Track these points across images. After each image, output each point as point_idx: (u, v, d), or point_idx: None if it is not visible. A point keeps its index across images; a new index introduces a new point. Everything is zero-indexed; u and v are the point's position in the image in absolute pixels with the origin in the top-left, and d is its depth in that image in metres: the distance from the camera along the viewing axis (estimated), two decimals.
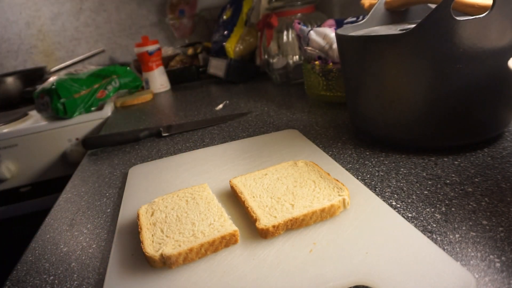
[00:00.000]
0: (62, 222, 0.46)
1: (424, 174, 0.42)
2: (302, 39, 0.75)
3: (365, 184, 0.42)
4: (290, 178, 0.41)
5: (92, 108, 1.07)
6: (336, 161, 0.48)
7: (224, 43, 1.15)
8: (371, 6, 0.59)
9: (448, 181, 0.40)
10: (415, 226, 0.34)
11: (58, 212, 0.49)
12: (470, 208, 0.35)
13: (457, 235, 0.32)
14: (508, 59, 0.37)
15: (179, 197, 0.41)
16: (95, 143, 0.71)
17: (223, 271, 0.30)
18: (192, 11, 1.57)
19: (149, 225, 0.36)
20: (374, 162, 0.47)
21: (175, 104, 1.02)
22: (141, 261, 0.33)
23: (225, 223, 0.35)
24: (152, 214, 0.38)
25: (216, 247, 0.33)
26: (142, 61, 1.20)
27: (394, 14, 0.58)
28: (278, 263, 0.30)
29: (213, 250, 0.33)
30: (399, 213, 0.36)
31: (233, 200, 0.41)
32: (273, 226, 0.33)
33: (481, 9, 0.43)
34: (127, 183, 0.51)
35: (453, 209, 0.35)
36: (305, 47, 0.74)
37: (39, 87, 1.04)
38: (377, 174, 0.44)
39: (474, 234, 0.32)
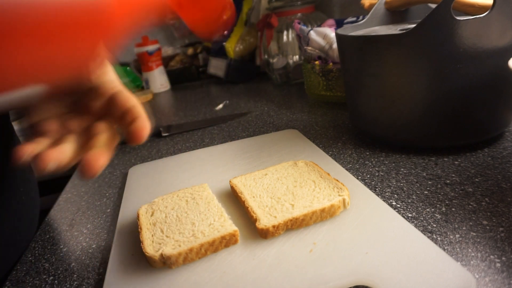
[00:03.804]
0: (62, 222, 0.46)
1: (424, 174, 0.42)
2: (302, 39, 0.75)
3: (365, 184, 0.42)
4: (290, 178, 0.41)
5: None
6: (336, 161, 0.48)
7: (224, 43, 1.15)
8: (371, 6, 0.59)
9: (448, 181, 0.40)
10: (415, 226, 0.34)
11: (58, 212, 0.49)
12: (471, 208, 0.35)
13: (457, 235, 0.32)
14: (509, 59, 0.37)
15: (179, 197, 0.41)
16: None
17: (223, 271, 0.30)
18: None
19: (149, 225, 0.36)
20: (374, 162, 0.47)
21: (175, 104, 1.02)
22: (141, 261, 0.33)
23: (225, 223, 0.35)
24: (152, 214, 0.38)
25: (216, 247, 0.33)
26: (142, 61, 1.20)
27: (394, 14, 0.58)
28: (278, 263, 0.30)
29: (213, 250, 0.33)
30: (399, 213, 0.36)
31: (233, 200, 0.41)
32: (273, 226, 0.33)
33: (481, 8, 0.43)
34: (127, 183, 0.51)
35: (453, 209, 0.35)
36: (305, 47, 0.74)
37: None
38: (377, 174, 0.44)
39: (474, 234, 0.32)
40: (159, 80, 1.23)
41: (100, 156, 0.27)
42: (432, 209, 0.36)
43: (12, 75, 0.14)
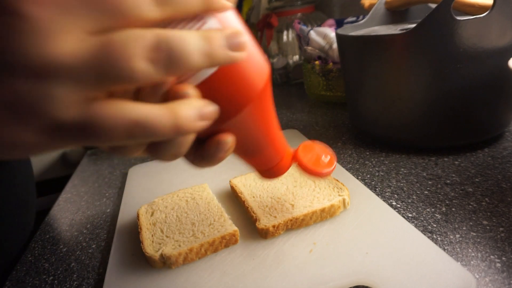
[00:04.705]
0: (61, 222, 0.46)
1: (425, 174, 0.42)
2: (302, 39, 0.75)
3: (365, 184, 0.42)
4: (290, 178, 0.41)
5: None
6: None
7: None
8: (371, 6, 0.59)
9: (448, 181, 0.40)
10: (415, 226, 0.34)
11: (58, 212, 0.49)
12: (471, 208, 0.35)
13: (457, 235, 0.32)
14: (508, 59, 0.37)
15: (179, 197, 0.41)
16: None
17: (223, 271, 0.30)
18: None
19: (149, 225, 0.36)
20: (374, 162, 0.47)
21: None
22: (141, 261, 0.33)
23: (225, 223, 0.35)
24: (152, 214, 0.38)
25: (216, 247, 0.33)
26: None
27: (394, 14, 0.57)
28: (278, 263, 0.30)
29: (213, 250, 0.33)
30: (399, 213, 0.36)
31: (233, 200, 0.41)
32: (273, 226, 0.33)
33: (481, 8, 0.43)
34: (127, 183, 0.51)
35: (453, 209, 0.35)
36: (305, 47, 0.74)
37: None
38: (377, 174, 0.44)
39: (474, 234, 0.32)
40: None
41: None
42: (432, 209, 0.36)
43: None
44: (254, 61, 0.21)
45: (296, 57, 0.98)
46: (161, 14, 0.16)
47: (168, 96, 0.18)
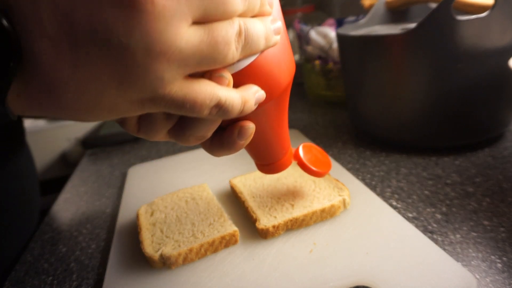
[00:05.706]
0: (61, 222, 0.46)
1: (425, 174, 0.42)
2: (302, 39, 0.75)
3: (366, 184, 0.42)
4: (290, 178, 0.41)
5: None
6: (336, 161, 0.48)
7: None
8: (371, 5, 0.59)
9: (449, 181, 0.40)
10: (416, 226, 0.34)
11: (57, 212, 0.49)
12: (471, 208, 0.35)
13: (458, 236, 0.32)
14: (509, 58, 0.37)
15: (178, 197, 0.41)
16: (94, 143, 0.71)
17: (223, 271, 0.30)
18: None
19: (149, 225, 0.36)
20: (374, 162, 0.47)
21: None
22: (141, 261, 0.33)
23: (225, 223, 0.34)
24: (151, 214, 0.38)
25: (216, 247, 0.33)
26: None
27: (395, 14, 0.57)
28: (278, 263, 0.30)
29: (213, 251, 0.33)
30: (400, 213, 0.36)
31: (233, 200, 0.41)
32: (273, 226, 0.33)
33: (481, 8, 0.43)
34: (127, 183, 0.51)
35: (454, 209, 0.35)
36: (305, 47, 0.74)
37: None
38: (377, 174, 0.44)
39: (475, 234, 0.31)
40: None
41: None
42: (433, 209, 0.36)
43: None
44: (288, 55, 0.23)
45: (296, 57, 0.98)
46: (243, 8, 0.19)
47: (235, 80, 0.20)
